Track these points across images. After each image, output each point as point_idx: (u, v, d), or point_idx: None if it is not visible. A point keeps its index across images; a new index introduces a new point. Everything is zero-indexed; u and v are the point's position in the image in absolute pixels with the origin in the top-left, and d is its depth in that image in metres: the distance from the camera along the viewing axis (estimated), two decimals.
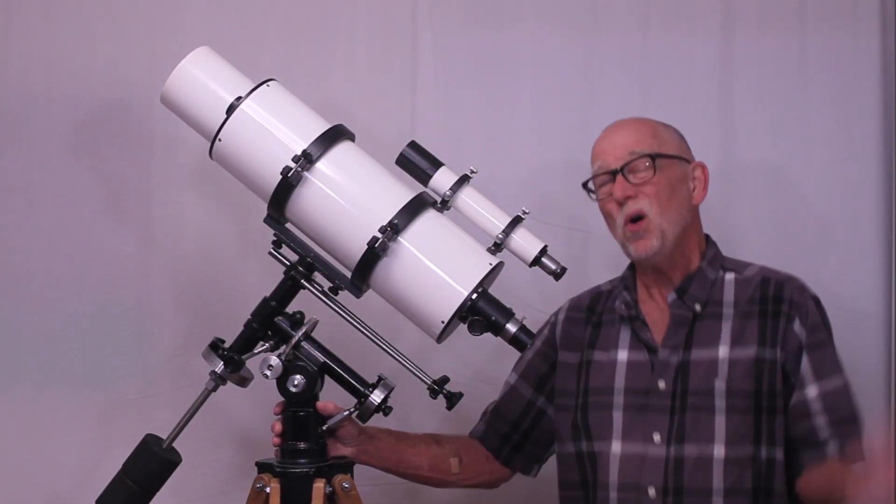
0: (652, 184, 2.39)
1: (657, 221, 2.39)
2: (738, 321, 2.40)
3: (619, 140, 2.44)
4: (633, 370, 2.44)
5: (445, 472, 2.56)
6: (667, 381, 2.40)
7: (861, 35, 2.93)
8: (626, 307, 2.48)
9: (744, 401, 2.35)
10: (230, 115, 2.30)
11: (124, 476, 2.29)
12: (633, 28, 2.98)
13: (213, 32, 2.87)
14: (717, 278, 2.45)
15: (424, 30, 2.98)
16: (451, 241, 2.33)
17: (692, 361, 2.39)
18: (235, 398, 2.59)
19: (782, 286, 2.42)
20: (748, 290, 2.43)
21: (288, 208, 2.31)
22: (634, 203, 2.40)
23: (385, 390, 2.34)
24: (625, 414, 2.42)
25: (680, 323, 2.42)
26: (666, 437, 2.37)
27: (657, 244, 2.39)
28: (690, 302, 2.43)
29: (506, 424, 2.60)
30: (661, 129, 2.48)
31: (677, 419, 2.37)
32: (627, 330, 2.48)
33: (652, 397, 2.40)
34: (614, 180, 2.41)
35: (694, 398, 2.37)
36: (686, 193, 2.45)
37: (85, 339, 2.95)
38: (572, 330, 2.56)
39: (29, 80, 2.95)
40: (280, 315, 2.36)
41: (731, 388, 2.35)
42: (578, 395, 2.50)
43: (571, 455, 2.49)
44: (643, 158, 2.40)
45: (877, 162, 2.91)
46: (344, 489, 2.31)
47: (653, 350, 2.43)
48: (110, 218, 2.96)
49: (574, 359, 2.54)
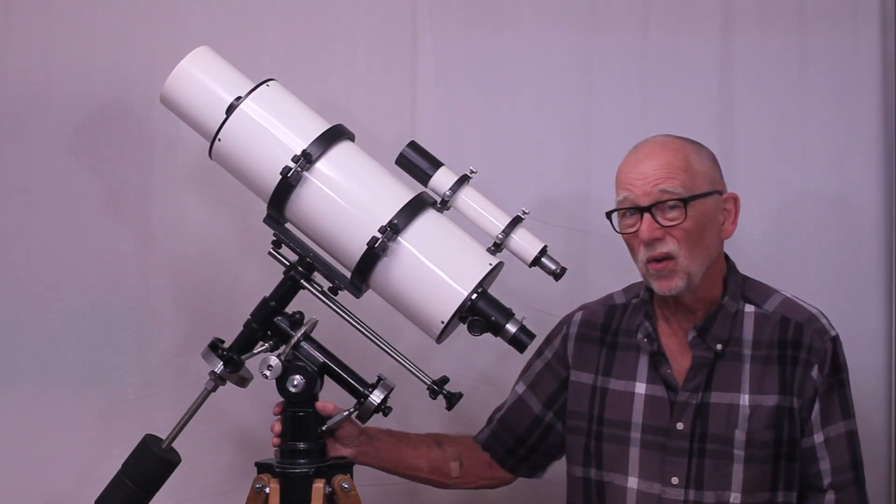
0: (681, 228, 2.30)
1: (684, 264, 2.31)
2: (758, 366, 2.35)
3: (648, 171, 2.31)
4: (650, 406, 2.40)
5: (445, 475, 2.55)
6: (685, 422, 2.36)
7: (861, 35, 2.93)
8: (649, 341, 2.41)
9: (763, 450, 2.32)
10: (230, 115, 2.30)
11: (123, 476, 2.29)
12: (633, 28, 2.97)
13: (212, 32, 2.86)
14: (738, 311, 2.39)
15: (424, 30, 2.98)
16: (451, 242, 2.32)
17: (712, 405, 2.35)
18: (235, 398, 2.59)
19: (802, 330, 2.36)
20: (768, 329, 2.37)
21: (287, 208, 2.30)
22: (662, 245, 2.30)
23: (385, 391, 2.34)
24: (642, 451, 2.38)
25: (701, 365, 2.37)
26: (684, 482, 2.34)
27: (682, 285, 2.31)
28: (711, 342, 2.37)
29: (512, 437, 2.57)
30: (693, 158, 2.34)
31: (696, 463, 2.34)
32: (646, 361, 2.42)
33: (671, 437, 2.36)
34: (641, 215, 2.32)
35: (713, 444, 2.34)
36: (716, 229, 2.35)
37: (85, 339, 2.95)
38: (586, 348, 2.50)
39: (28, 80, 2.95)
40: (280, 315, 2.36)
41: (751, 439, 2.32)
42: (592, 421, 2.45)
43: (579, 479, 2.47)
44: (674, 200, 2.29)
45: (877, 162, 2.91)
46: (343, 489, 2.31)
47: (672, 388, 2.38)
48: (110, 218, 2.96)
49: (588, 379, 2.49)
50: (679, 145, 2.36)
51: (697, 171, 2.33)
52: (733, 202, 2.39)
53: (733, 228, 2.40)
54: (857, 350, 2.74)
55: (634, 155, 2.38)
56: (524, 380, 2.58)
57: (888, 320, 2.90)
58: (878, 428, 2.87)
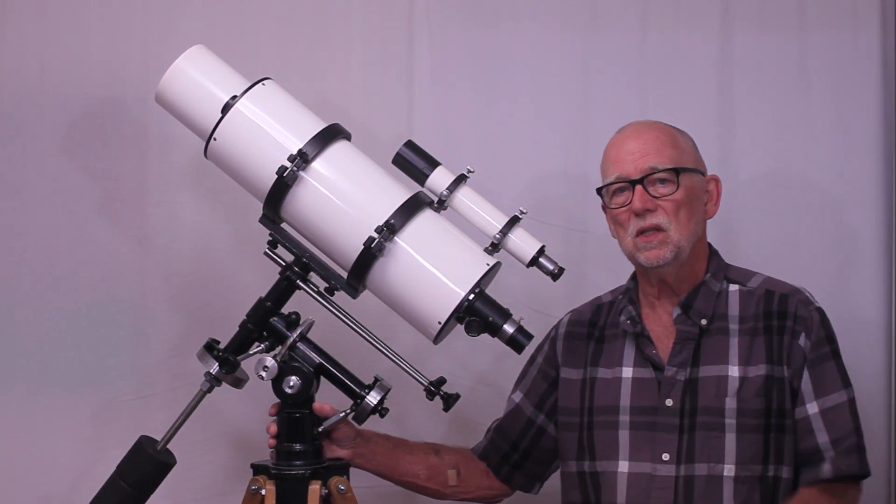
0: (672, 199, 2.35)
1: (675, 237, 2.35)
2: (745, 338, 2.38)
3: (637, 148, 2.38)
4: (638, 388, 2.41)
5: (442, 482, 2.54)
6: (675, 398, 2.37)
7: (861, 35, 2.93)
8: (632, 323, 2.44)
9: (755, 420, 2.33)
10: (225, 114, 2.29)
11: (118, 478, 2.28)
12: (631, 27, 2.96)
13: (208, 31, 2.86)
14: (722, 290, 2.42)
15: (421, 28, 2.97)
16: (448, 242, 2.31)
17: (701, 379, 2.37)
18: (231, 399, 2.59)
19: (787, 300, 2.39)
20: (752, 303, 2.40)
21: (283, 208, 2.29)
22: (653, 217, 2.35)
23: (381, 392, 2.33)
24: (631, 433, 2.39)
25: (686, 339, 2.39)
26: (675, 457, 2.35)
27: (670, 256, 2.35)
28: (696, 317, 2.40)
29: (507, 443, 2.57)
30: (679, 137, 2.43)
31: (686, 438, 2.35)
32: (632, 346, 2.44)
33: (660, 415, 2.37)
34: (633, 190, 2.36)
35: (704, 417, 2.35)
36: (701, 207, 2.42)
37: (79, 339, 2.94)
38: (574, 345, 2.53)
39: (22, 78, 2.93)
40: (275, 316, 2.35)
41: (743, 407, 2.33)
42: (583, 413, 2.46)
43: (573, 475, 2.47)
44: (665, 172, 2.36)
45: (877, 161, 2.91)
46: (339, 491, 2.30)
47: (659, 367, 2.40)
48: (104, 218, 2.94)
49: (577, 375, 2.50)
50: (663, 125, 2.45)
51: (684, 148, 2.42)
52: (715, 183, 2.46)
53: (716, 209, 2.47)
54: (857, 348, 2.76)
55: (621, 134, 2.45)
56: (520, 388, 2.60)
57: (888, 319, 2.90)
58: (877, 426, 2.86)
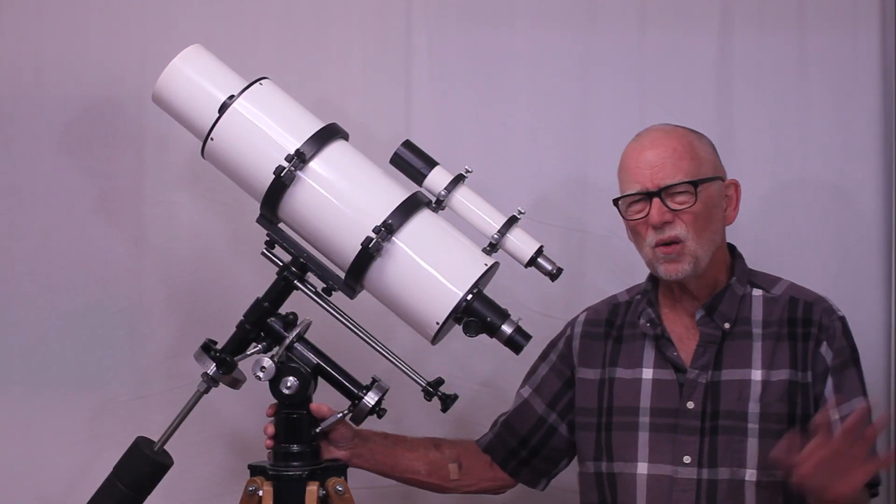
0: (690, 212, 2.33)
1: (692, 248, 2.33)
2: (768, 343, 2.37)
3: (655, 158, 2.35)
4: (658, 389, 2.40)
5: (444, 477, 2.53)
6: (696, 401, 2.35)
7: (861, 35, 2.92)
8: (651, 326, 2.42)
9: (777, 424, 2.32)
10: (222, 113, 2.28)
11: (115, 479, 2.27)
12: (630, 26, 2.96)
13: (205, 30, 2.85)
14: (746, 294, 2.41)
15: (419, 27, 2.96)
16: (446, 242, 2.31)
17: (723, 382, 2.36)
18: (228, 400, 2.58)
19: (811, 308, 2.38)
20: (777, 310, 2.39)
21: (281, 208, 2.29)
22: (671, 228, 2.33)
23: (379, 392, 2.32)
24: (651, 435, 2.38)
25: (709, 342, 2.38)
26: (696, 459, 2.34)
27: (689, 269, 2.34)
28: (719, 320, 2.38)
29: (515, 438, 2.55)
30: (697, 145, 2.39)
31: (708, 441, 2.34)
32: (652, 347, 2.42)
33: (680, 417, 2.36)
34: (650, 201, 2.34)
35: (726, 420, 2.34)
36: (720, 214, 2.40)
37: (76, 339, 2.93)
38: (591, 345, 2.50)
39: (19, 78, 2.92)
40: (273, 316, 2.34)
41: (766, 411, 2.32)
42: (601, 413, 2.45)
43: (591, 476, 2.45)
44: (683, 184, 2.33)
45: (877, 162, 2.90)
46: (337, 492, 2.30)
47: (680, 369, 2.38)
48: (101, 217, 2.94)
49: (594, 375, 2.48)
50: (682, 132, 2.40)
51: (702, 156, 2.38)
52: (734, 188, 2.44)
53: (735, 214, 2.44)
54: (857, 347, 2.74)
55: (639, 143, 2.41)
56: (529, 383, 2.57)
57: (888, 318, 2.90)
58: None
